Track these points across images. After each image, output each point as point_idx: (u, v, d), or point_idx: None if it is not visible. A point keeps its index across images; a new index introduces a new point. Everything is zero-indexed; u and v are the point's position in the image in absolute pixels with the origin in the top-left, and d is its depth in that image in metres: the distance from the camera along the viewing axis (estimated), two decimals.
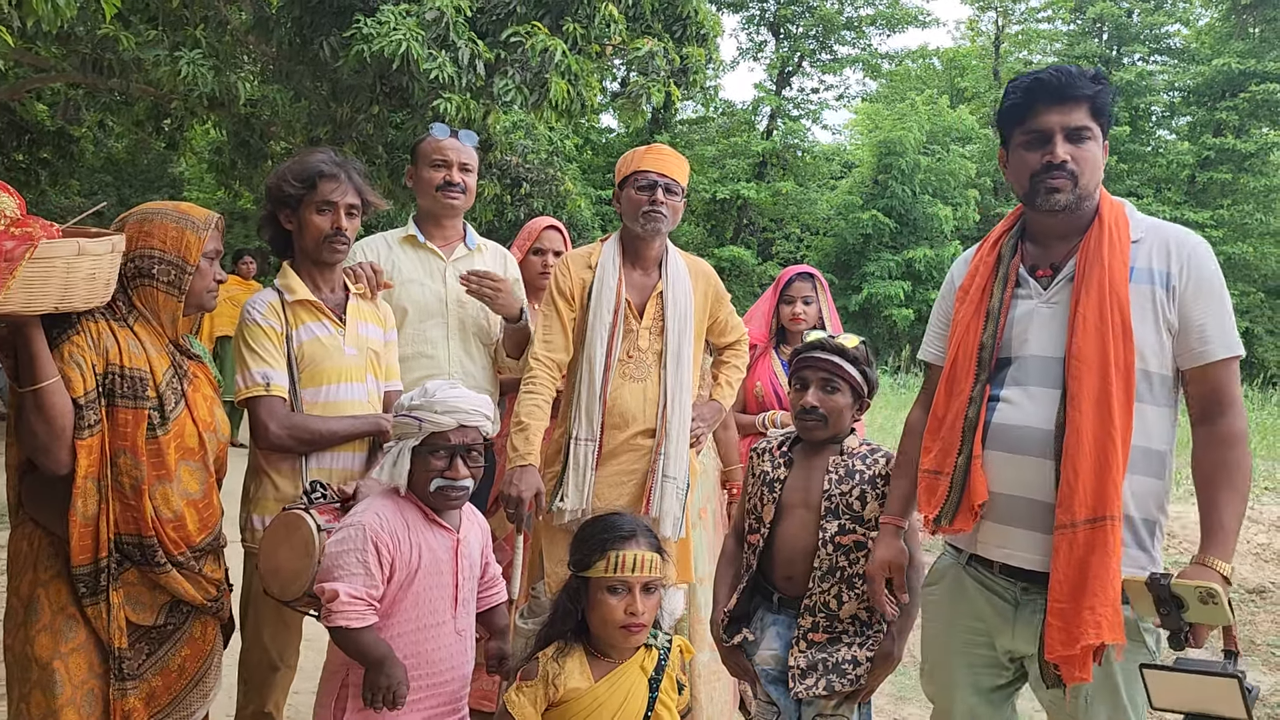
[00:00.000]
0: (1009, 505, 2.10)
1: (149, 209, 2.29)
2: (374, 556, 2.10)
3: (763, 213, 25.06)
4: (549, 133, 15.88)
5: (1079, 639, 1.93)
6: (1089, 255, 2.07)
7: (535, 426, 2.74)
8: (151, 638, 2.19)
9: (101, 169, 18.63)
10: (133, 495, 2.10)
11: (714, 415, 3.10)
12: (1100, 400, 1.98)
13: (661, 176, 2.84)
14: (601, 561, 2.11)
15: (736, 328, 3.20)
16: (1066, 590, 1.96)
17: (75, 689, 2.06)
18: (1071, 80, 2.05)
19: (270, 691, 2.61)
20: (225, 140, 11.39)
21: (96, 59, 8.09)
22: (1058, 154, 2.05)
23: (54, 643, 2.06)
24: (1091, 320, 2.02)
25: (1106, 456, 1.96)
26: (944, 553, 2.35)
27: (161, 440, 2.15)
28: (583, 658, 2.15)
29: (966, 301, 2.24)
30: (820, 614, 2.38)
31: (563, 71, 7.38)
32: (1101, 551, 1.94)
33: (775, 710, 2.43)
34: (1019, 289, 2.18)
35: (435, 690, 2.22)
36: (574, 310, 2.88)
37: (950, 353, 2.23)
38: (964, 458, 2.11)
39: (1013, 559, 2.10)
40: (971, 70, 29.94)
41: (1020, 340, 2.14)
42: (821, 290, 3.77)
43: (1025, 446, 2.08)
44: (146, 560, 2.14)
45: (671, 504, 2.82)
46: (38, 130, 12.25)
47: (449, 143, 3.11)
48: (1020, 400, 2.11)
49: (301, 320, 2.53)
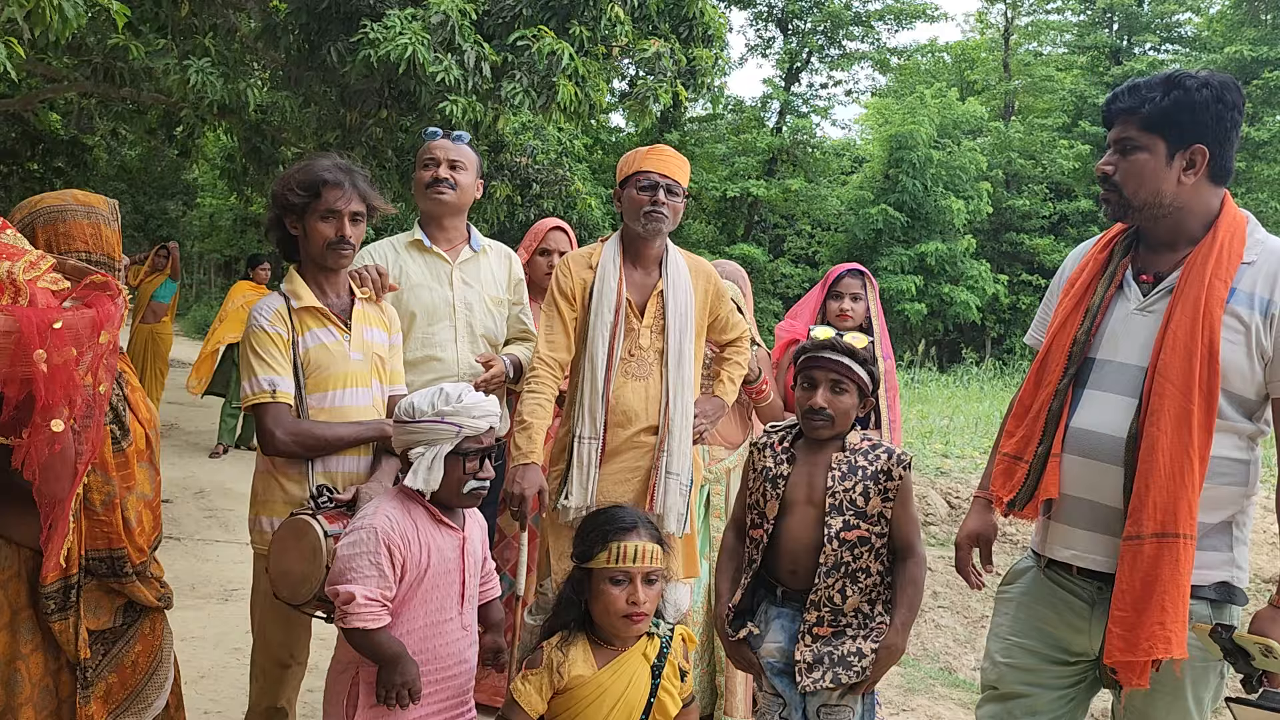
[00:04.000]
0: (1075, 507, 2.15)
1: (51, 205, 2.12)
2: (386, 558, 2.14)
3: (774, 210, 25.04)
4: (558, 133, 15.93)
5: (1140, 650, 1.97)
6: (1192, 271, 2.07)
7: (538, 425, 2.77)
8: (106, 639, 2.17)
9: (115, 177, 18.76)
10: (104, 510, 2.07)
11: (716, 411, 3.13)
12: (1180, 418, 2.00)
13: (663, 177, 2.86)
14: (603, 553, 2.17)
15: (737, 325, 3.23)
16: (1130, 600, 1.99)
17: (33, 687, 2.04)
18: (1115, 97, 2.14)
19: (282, 688, 2.65)
20: (236, 147, 11.47)
21: (108, 68, 8.18)
22: (1100, 166, 2.15)
23: (14, 642, 2.03)
24: (1182, 338, 2.02)
25: (1182, 474, 1.98)
26: (1025, 555, 2.38)
27: (128, 452, 2.12)
28: (586, 646, 2.21)
29: (1070, 295, 2.27)
30: (825, 608, 2.40)
31: (570, 74, 7.41)
32: (1171, 568, 1.96)
33: (781, 702, 2.46)
34: (1120, 291, 2.21)
35: (444, 684, 2.27)
36: (575, 310, 2.91)
37: (1045, 342, 2.27)
38: (1044, 449, 2.16)
39: (1079, 560, 2.14)
40: (981, 63, 29.86)
41: (1111, 343, 2.17)
42: (870, 288, 3.80)
43: (1098, 451, 2.11)
44: (114, 572, 2.11)
45: (675, 500, 2.85)
46: (51, 139, 12.39)
47: (438, 143, 3.17)
48: (1099, 404, 2.14)
49: (307, 326, 2.56)
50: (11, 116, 11.27)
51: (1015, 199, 24.62)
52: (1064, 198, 24.42)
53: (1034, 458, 2.17)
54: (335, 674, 2.27)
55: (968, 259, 22.23)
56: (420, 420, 2.22)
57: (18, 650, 2.01)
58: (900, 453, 2.48)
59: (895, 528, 2.44)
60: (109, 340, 1.80)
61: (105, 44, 7.62)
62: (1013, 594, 2.34)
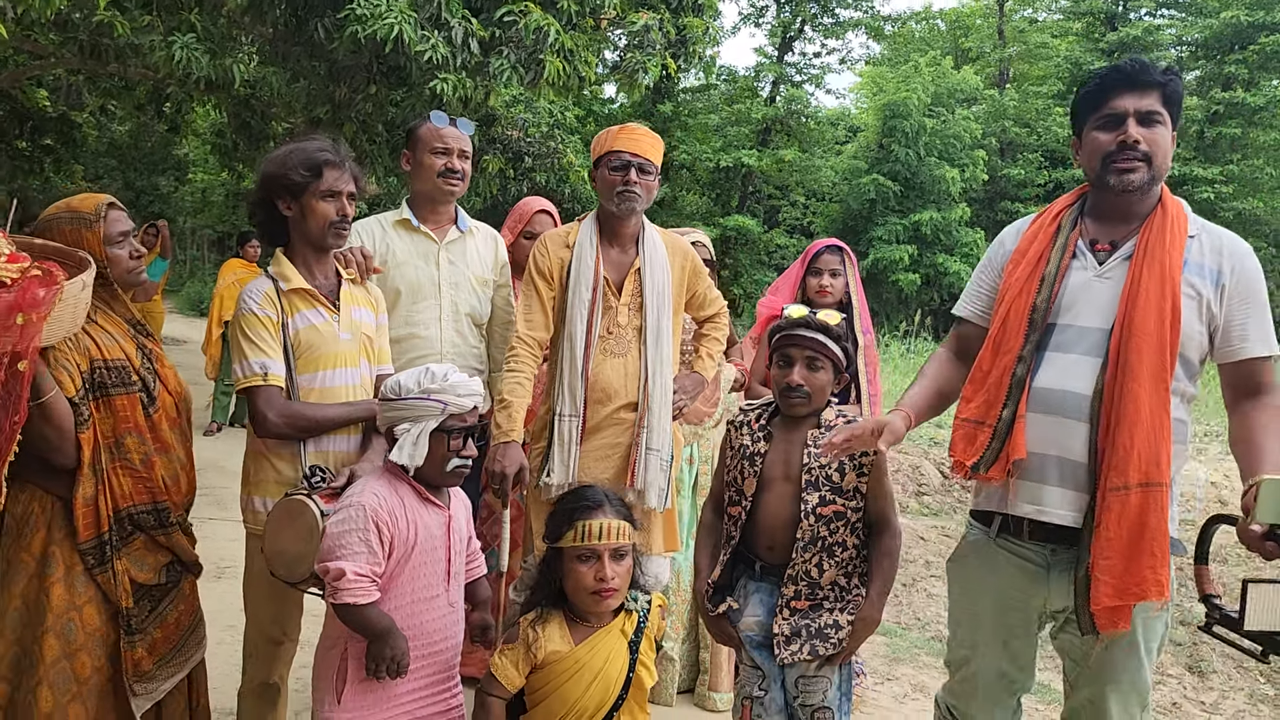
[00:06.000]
0: (1042, 464, 2.25)
1: (47, 215, 2.44)
2: (375, 535, 2.20)
3: (767, 180, 24.94)
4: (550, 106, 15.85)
5: (1130, 594, 2.10)
6: (1152, 237, 2.22)
7: (518, 404, 2.82)
8: (153, 595, 2.46)
9: (105, 153, 18.71)
10: (144, 468, 2.40)
11: (695, 387, 3.18)
12: (1157, 375, 2.13)
13: (635, 156, 2.89)
14: (570, 532, 2.24)
15: (715, 301, 3.27)
16: (1118, 548, 2.12)
17: (88, 636, 2.32)
18: (1145, 68, 2.23)
19: (274, 664, 2.72)
20: (226, 122, 11.42)
21: (94, 45, 8.13)
22: (1131, 134, 2.21)
23: (69, 595, 2.30)
24: (1153, 299, 2.16)
25: (1161, 427, 2.12)
26: (969, 529, 2.50)
27: (155, 417, 2.44)
28: (562, 623, 2.28)
29: (1022, 265, 2.37)
30: (803, 582, 2.46)
31: (557, 50, 7.39)
32: (1158, 515, 2.10)
33: (760, 674, 2.52)
34: (1075, 260, 2.32)
35: (431, 659, 2.34)
36: (553, 289, 2.95)
37: (1001, 312, 2.37)
38: (1009, 412, 2.27)
39: (1044, 515, 2.25)
40: (976, 30, 29.65)
41: (1070, 308, 2.29)
42: (849, 264, 3.84)
43: (1064, 409, 2.23)
44: (160, 524, 2.44)
45: (656, 475, 2.90)
46: (39, 117, 12.32)
47: (449, 130, 3.18)
48: (1062, 365, 2.26)
49: (297, 308, 2.59)
50: None
51: (1010, 167, 24.54)
52: (1059, 165, 24.33)
53: (998, 421, 2.27)
54: (324, 650, 2.32)
55: (962, 228, 22.20)
56: (406, 398, 2.27)
57: (73, 602, 2.31)
58: None
59: (870, 502, 2.49)
60: (26, 322, 2.02)
61: (91, 21, 7.58)
62: (968, 570, 2.45)
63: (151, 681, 2.41)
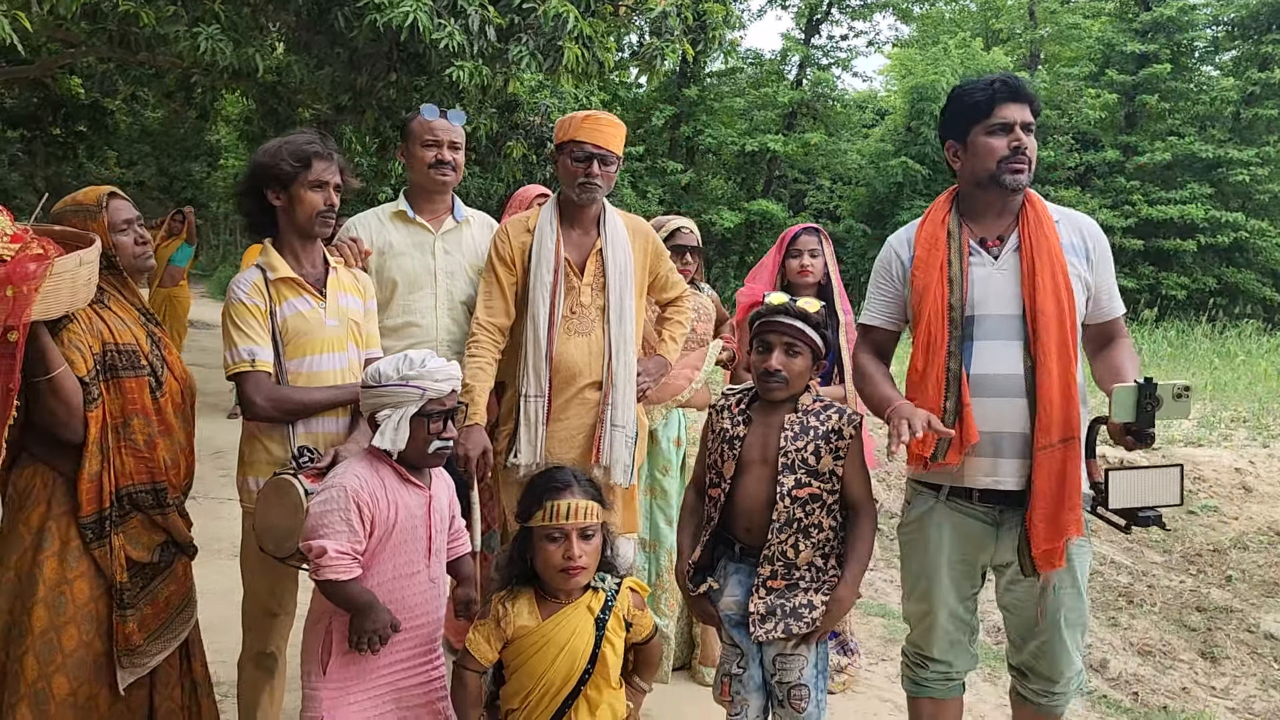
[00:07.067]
0: (993, 440, 2.52)
1: (55, 211, 2.57)
2: (356, 514, 2.29)
3: (793, 165, 24.81)
4: (575, 91, 15.88)
5: (1060, 534, 2.45)
6: (1032, 229, 2.56)
7: (480, 388, 2.92)
8: (145, 574, 2.54)
9: (138, 139, 18.99)
10: (147, 449, 2.50)
11: (659, 369, 3.25)
12: (1061, 347, 2.48)
13: (597, 148, 2.95)
14: (539, 512, 2.32)
15: (677, 284, 3.34)
16: (1050, 497, 2.46)
17: (77, 609, 2.40)
18: (1022, 84, 2.58)
19: (270, 635, 2.84)
20: (254, 109, 11.58)
21: (123, 34, 8.27)
22: (1024, 140, 2.54)
23: (61, 569, 2.39)
24: (1048, 283, 2.50)
25: (1070, 390, 2.48)
26: (915, 496, 2.73)
27: (161, 401, 2.54)
28: (531, 600, 2.36)
29: (928, 269, 2.61)
30: (779, 562, 2.53)
31: (575, 37, 7.43)
32: (1074, 463, 2.46)
33: (739, 652, 2.60)
34: (973, 258, 2.60)
35: (412, 633, 2.43)
36: (514, 275, 3.03)
37: (922, 315, 2.59)
38: (953, 403, 2.50)
39: (1001, 484, 2.54)
40: (1007, 11, 29.19)
41: (982, 301, 2.56)
42: (826, 244, 3.90)
43: (1003, 390, 2.52)
44: (158, 504, 2.53)
45: (621, 452, 2.99)
46: (72, 104, 12.54)
47: (439, 123, 3.25)
48: (990, 351, 2.54)
49: (284, 296, 2.69)
50: (33, 83, 11.44)
51: (1040, 150, 24.04)
52: (1090, 148, 23.97)
53: (944, 413, 2.50)
54: (310, 625, 2.42)
55: None
56: (385, 384, 2.35)
57: (64, 576, 2.40)
58: (851, 412, 2.59)
59: (847, 485, 2.56)
60: (17, 294, 2.12)
61: (118, 10, 7.72)
62: (927, 529, 2.68)
63: (141, 656, 2.50)
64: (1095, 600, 6.35)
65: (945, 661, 2.73)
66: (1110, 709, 4.44)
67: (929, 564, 2.67)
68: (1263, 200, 22.29)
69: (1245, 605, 6.32)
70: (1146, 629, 5.96)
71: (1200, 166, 22.24)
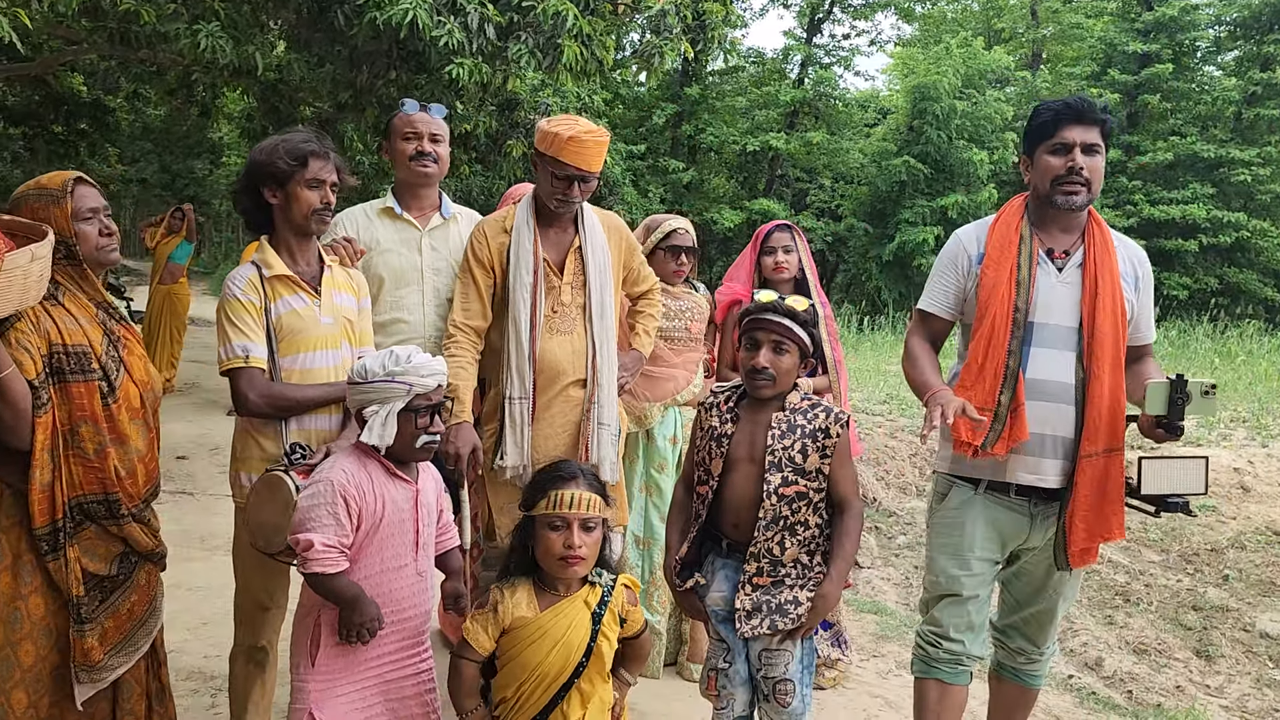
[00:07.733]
0: (1038, 441, 2.69)
1: (17, 193, 2.42)
2: (343, 508, 2.31)
3: (795, 164, 24.81)
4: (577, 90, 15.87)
5: (1100, 536, 2.68)
6: (1099, 250, 2.72)
7: (463, 387, 2.92)
8: (104, 586, 2.43)
9: (140, 137, 19.00)
10: (97, 458, 2.36)
11: (635, 364, 3.27)
12: (1114, 363, 2.68)
13: (578, 171, 2.92)
14: (544, 500, 2.35)
15: (649, 277, 3.36)
16: (1090, 502, 2.66)
17: (34, 625, 2.31)
18: (1091, 106, 2.70)
19: (262, 628, 2.85)
20: (255, 107, 11.60)
21: (124, 32, 8.29)
22: (1078, 162, 2.67)
23: (15, 584, 2.29)
24: (1108, 303, 2.68)
25: (1119, 404, 2.67)
26: (952, 489, 2.88)
27: (113, 407, 2.39)
28: (530, 590, 2.39)
29: (998, 268, 2.75)
30: (765, 559, 2.54)
31: (574, 35, 7.44)
32: (1117, 472, 2.67)
33: (725, 647, 2.62)
34: (1040, 266, 2.74)
35: (400, 626, 2.45)
36: (491, 277, 3.03)
37: (987, 312, 2.74)
38: (1007, 398, 2.67)
39: (1043, 482, 2.72)
40: (1009, 11, 29.19)
41: (1045, 309, 2.72)
42: (799, 240, 3.93)
43: (1054, 396, 2.69)
44: (111, 515, 2.40)
45: (607, 449, 3.01)
46: (74, 102, 12.55)
47: (419, 116, 3.26)
48: (1046, 359, 2.71)
49: (279, 294, 2.70)
50: (34, 80, 11.46)
51: None
52: None
53: (998, 406, 2.66)
54: (300, 617, 2.45)
55: (989, 210, 21.99)
56: (372, 380, 2.37)
57: (19, 591, 2.29)
58: (838, 411, 2.60)
59: (833, 483, 2.57)
60: None
61: (118, 8, 7.74)
62: (964, 517, 2.82)
63: (101, 671, 2.39)
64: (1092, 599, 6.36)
65: (960, 642, 2.82)
66: (1104, 707, 4.45)
67: (963, 549, 2.81)
68: (1264, 200, 22.27)
69: (1241, 604, 6.33)
70: (1142, 627, 5.97)
71: (1202, 166, 22.23)
